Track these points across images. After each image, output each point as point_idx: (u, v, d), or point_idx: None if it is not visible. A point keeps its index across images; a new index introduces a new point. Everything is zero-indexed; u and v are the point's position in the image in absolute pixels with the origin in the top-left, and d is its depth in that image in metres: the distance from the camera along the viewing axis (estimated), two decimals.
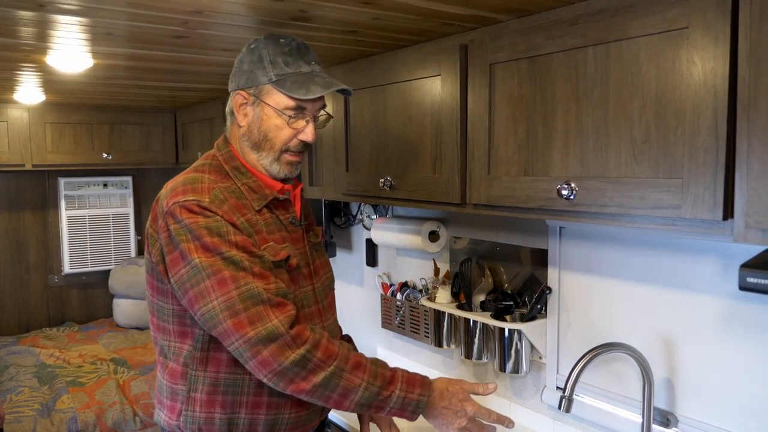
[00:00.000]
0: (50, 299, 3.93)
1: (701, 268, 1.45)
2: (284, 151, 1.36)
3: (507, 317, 1.85)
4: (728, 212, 1.06)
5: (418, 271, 2.35)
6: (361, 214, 2.63)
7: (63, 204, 3.87)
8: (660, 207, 1.14)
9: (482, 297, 1.98)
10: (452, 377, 1.42)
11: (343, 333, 1.71)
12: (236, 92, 1.38)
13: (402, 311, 2.33)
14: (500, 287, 1.99)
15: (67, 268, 3.91)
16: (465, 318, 1.98)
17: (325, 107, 1.42)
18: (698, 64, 1.07)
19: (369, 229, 2.55)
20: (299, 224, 1.43)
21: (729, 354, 1.41)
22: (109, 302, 4.03)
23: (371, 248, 2.59)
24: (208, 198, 1.27)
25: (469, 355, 1.99)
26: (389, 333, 2.51)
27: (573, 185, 1.28)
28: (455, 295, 2.06)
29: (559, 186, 1.30)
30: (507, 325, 1.82)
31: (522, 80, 1.41)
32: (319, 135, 2.20)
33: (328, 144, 2.15)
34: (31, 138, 3.36)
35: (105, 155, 3.58)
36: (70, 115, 3.48)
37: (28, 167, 3.38)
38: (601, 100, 1.24)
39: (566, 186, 1.29)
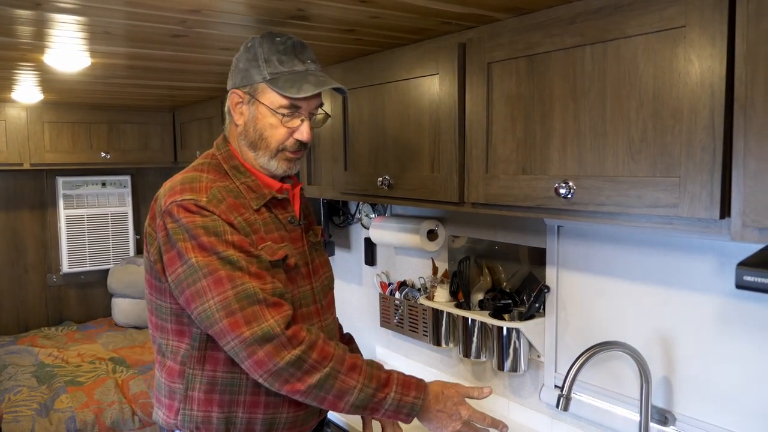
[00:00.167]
0: (49, 299, 3.92)
1: (698, 267, 1.46)
2: (281, 151, 1.36)
3: (505, 316, 1.85)
4: (725, 211, 1.06)
5: (417, 270, 2.36)
6: (360, 213, 2.63)
7: (61, 203, 3.86)
8: (657, 206, 1.14)
9: (481, 296, 1.98)
10: (450, 377, 1.43)
11: (344, 332, 1.71)
12: (232, 91, 1.38)
13: (400, 310, 2.33)
14: (498, 286, 1.99)
15: (66, 268, 3.91)
16: (463, 317, 1.98)
17: (323, 106, 1.41)
18: (695, 63, 1.07)
19: (367, 228, 2.55)
20: (298, 223, 1.43)
21: (726, 352, 1.41)
22: (108, 301, 4.03)
23: (370, 247, 2.59)
24: (206, 197, 1.27)
25: (468, 354, 2.00)
26: (388, 332, 2.51)
27: (570, 184, 1.29)
28: (454, 294, 2.06)
29: (557, 185, 1.30)
30: (505, 324, 1.83)
31: (520, 79, 1.41)
32: (318, 134, 2.21)
33: (327, 143, 2.15)
34: (30, 137, 3.36)
35: (103, 154, 3.58)
36: (69, 115, 3.47)
37: (27, 166, 3.37)
38: (599, 99, 1.24)
39: (564, 185, 1.29)
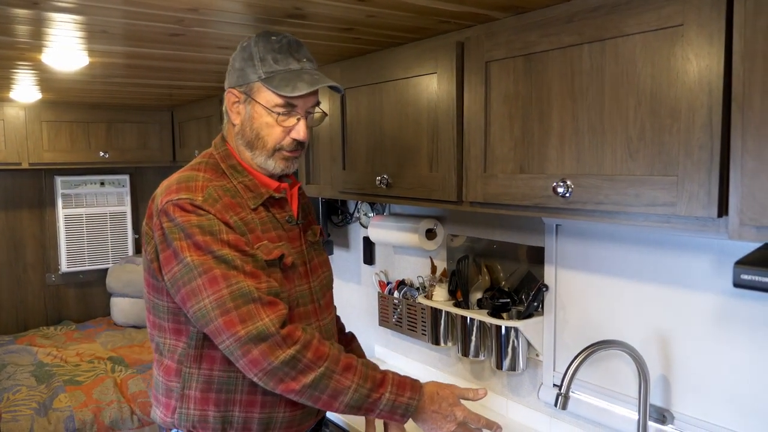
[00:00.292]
0: (47, 298, 3.92)
1: (696, 265, 1.46)
2: (278, 150, 1.35)
3: (504, 315, 1.85)
4: (723, 209, 1.06)
5: (416, 269, 2.36)
6: (358, 212, 2.63)
7: (60, 203, 3.86)
8: (655, 204, 1.14)
9: (479, 295, 1.98)
10: (448, 376, 1.42)
11: (347, 331, 1.71)
12: (229, 90, 1.37)
13: (399, 309, 2.33)
14: (497, 285, 1.99)
15: (65, 267, 3.90)
16: (462, 316, 1.98)
17: (319, 104, 1.41)
18: (693, 62, 1.07)
19: (366, 227, 2.55)
20: (296, 223, 1.43)
21: (724, 351, 1.41)
22: (107, 301, 4.03)
23: (368, 246, 2.59)
24: (201, 196, 1.27)
25: (466, 353, 2.00)
26: (386, 331, 2.51)
27: (569, 183, 1.29)
28: (452, 293, 2.06)
29: (555, 183, 1.30)
30: (504, 323, 1.83)
31: (518, 78, 1.41)
32: (316, 133, 2.21)
33: (325, 142, 2.15)
34: (28, 136, 3.35)
35: (102, 154, 3.57)
36: (67, 114, 3.47)
37: (25, 166, 3.37)
38: (597, 98, 1.24)
39: (562, 183, 1.29)
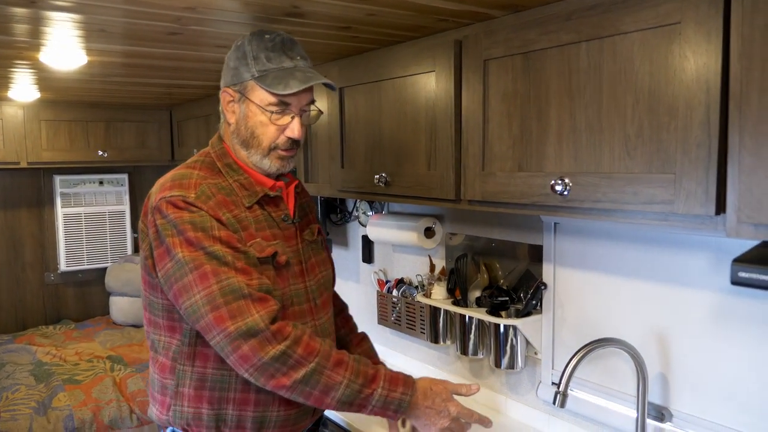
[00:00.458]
0: (46, 297, 3.92)
1: (694, 263, 1.46)
2: (273, 149, 1.35)
3: (502, 313, 1.85)
4: (720, 207, 1.06)
5: (414, 268, 2.36)
6: (357, 211, 2.63)
7: (59, 202, 3.86)
8: (653, 202, 1.14)
9: (478, 293, 1.98)
10: (447, 374, 1.42)
11: (359, 330, 1.70)
12: (224, 90, 1.37)
13: (398, 308, 2.33)
14: (496, 283, 1.99)
15: (63, 266, 3.90)
16: (461, 314, 1.98)
17: (314, 102, 1.40)
18: (691, 60, 1.07)
19: (365, 226, 2.54)
20: (292, 222, 1.42)
21: (722, 348, 1.41)
22: (106, 300, 4.03)
23: (367, 245, 2.59)
24: (194, 194, 1.27)
25: (465, 351, 2.00)
26: (385, 329, 2.51)
27: (567, 181, 1.29)
28: (451, 292, 2.06)
29: (553, 182, 1.30)
30: (502, 321, 1.83)
31: (516, 76, 1.41)
32: (315, 131, 2.21)
33: (324, 140, 2.15)
34: (26, 135, 3.35)
35: (101, 153, 3.57)
36: (66, 113, 3.46)
37: (24, 165, 3.37)
38: (595, 96, 1.24)
39: (560, 181, 1.29)
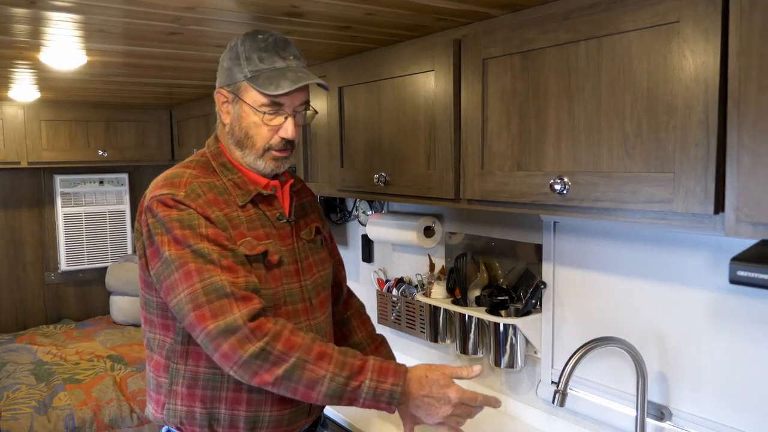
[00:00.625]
0: (47, 297, 3.92)
1: (693, 262, 1.46)
2: (267, 150, 1.34)
3: (502, 312, 1.86)
4: (719, 206, 1.06)
5: (414, 267, 2.36)
6: (357, 210, 2.63)
7: (59, 201, 3.87)
8: (652, 201, 1.15)
9: (477, 292, 1.98)
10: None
11: (377, 333, 1.68)
12: (218, 90, 1.38)
13: (398, 307, 2.33)
14: (495, 282, 1.99)
15: (64, 266, 3.91)
16: (460, 313, 1.98)
17: (308, 102, 1.39)
18: (689, 59, 1.07)
19: (364, 225, 2.55)
20: (287, 221, 1.42)
21: (721, 347, 1.42)
22: (106, 299, 4.03)
23: (367, 244, 2.59)
24: (184, 192, 1.27)
25: (465, 350, 2.00)
26: (385, 329, 2.51)
27: (566, 180, 1.29)
28: (450, 291, 2.06)
29: (552, 181, 1.30)
30: (502, 320, 1.83)
31: (515, 75, 1.41)
32: (314, 131, 2.21)
33: (323, 140, 2.15)
34: (27, 135, 3.35)
35: (101, 152, 3.57)
36: (66, 113, 3.47)
37: (24, 165, 3.37)
38: (593, 95, 1.24)
39: (559, 181, 1.29)
